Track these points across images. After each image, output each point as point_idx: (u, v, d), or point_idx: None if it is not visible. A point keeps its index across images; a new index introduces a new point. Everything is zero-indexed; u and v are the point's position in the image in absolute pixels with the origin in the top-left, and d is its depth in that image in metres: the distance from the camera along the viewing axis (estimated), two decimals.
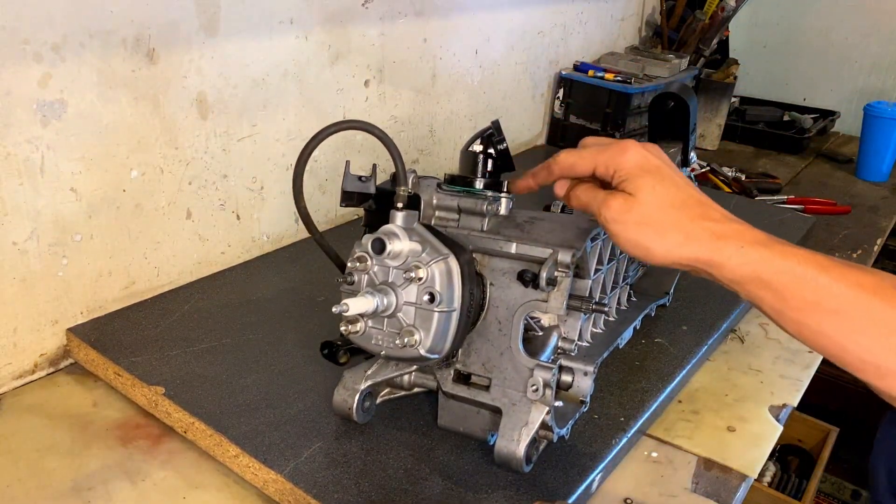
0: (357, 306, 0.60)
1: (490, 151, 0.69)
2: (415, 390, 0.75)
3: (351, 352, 0.72)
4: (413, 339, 0.62)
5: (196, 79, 0.95)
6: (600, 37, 1.87)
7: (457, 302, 0.63)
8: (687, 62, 1.83)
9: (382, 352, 0.65)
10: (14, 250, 0.81)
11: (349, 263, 0.64)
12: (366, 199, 0.68)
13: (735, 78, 1.95)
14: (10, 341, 0.83)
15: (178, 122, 0.94)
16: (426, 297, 0.62)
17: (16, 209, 0.80)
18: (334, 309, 0.60)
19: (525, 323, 0.67)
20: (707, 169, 1.68)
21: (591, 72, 1.70)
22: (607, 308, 0.84)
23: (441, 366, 0.70)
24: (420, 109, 1.36)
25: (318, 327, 0.90)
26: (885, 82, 2.13)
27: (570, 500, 0.67)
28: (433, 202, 0.71)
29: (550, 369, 0.65)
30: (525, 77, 1.64)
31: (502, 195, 0.69)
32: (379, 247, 0.62)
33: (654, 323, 0.96)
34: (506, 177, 0.71)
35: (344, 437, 0.72)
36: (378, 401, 0.76)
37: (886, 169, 1.72)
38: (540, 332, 0.72)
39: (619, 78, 1.67)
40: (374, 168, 0.70)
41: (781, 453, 1.78)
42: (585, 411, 0.74)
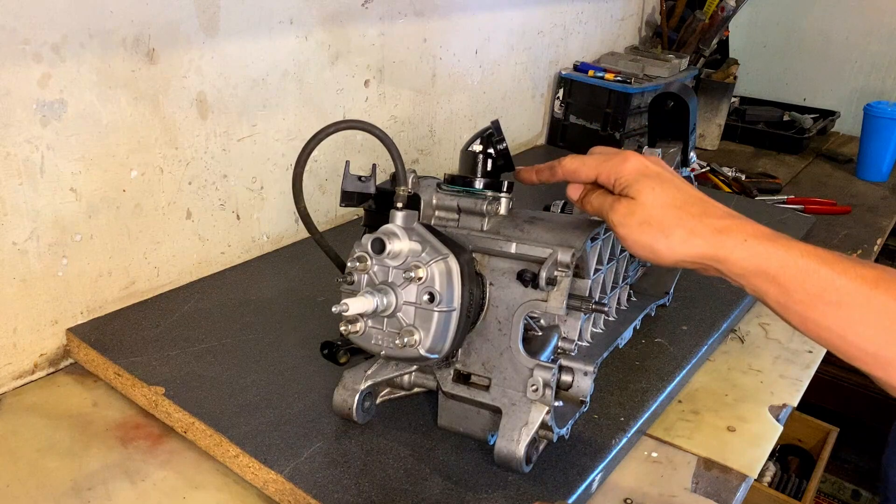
0: (357, 306, 0.60)
1: (490, 151, 0.69)
2: (415, 390, 0.75)
3: (351, 352, 0.72)
4: (413, 339, 0.62)
5: (196, 79, 0.95)
6: (600, 37, 1.87)
7: (456, 302, 0.63)
8: (687, 62, 1.83)
9: (382, 352, 0.65)
10: (14, 250, 0.81)
11: (349, 263, 0.64)
12: (366, 199, 0.68)
13: (735, 78, 1.95)
14: (10, 341, 0.83)
15: (178, 122, 0.94)
16: (426, 297, 0.62)
17: (16, 209, 0.80)
18: (334, 309, 0.60)
19: (525, 323, 0.67)
20: (707, 169, 1.68)
21: (591, 72, 1.70)
22: (607, 308, 0.84)
23: (441, 366, 0.70)
24: (420, 109, 1.36)
25: (318, 327, 0.90)
26: (885, 82, 2.13)
27: (570, 500, 0.67)
28: (433, 202, 0.71)
29: (550, 369, 0.65)
30: (525, 77, 1.64)
31: (502, 195, 0.69)
32: (379, 247, 0.62)
33: (654, 323, 0.96)
34: (506, 177, 0.71)
35: (344, 437, 0.72)
36: (378, 401, 0.76)
37: (886, 169, 1.72)
38: (540, 332, 0.72)
39: (619, 78, 1.67)
40: (374, 168, 0.70)
41: (781, 453, 1.78)
42: (585, 411, 0.74)
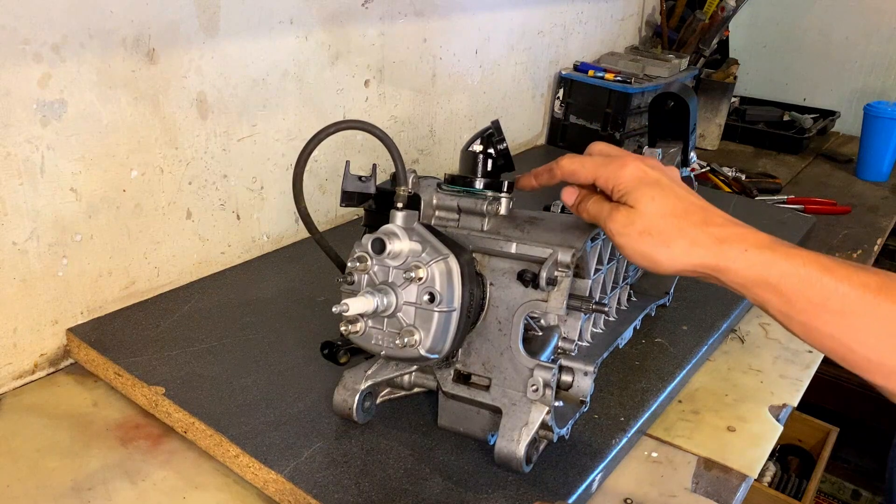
0: (357, 306, 0.60)
1: (490, 151, 0.69)
2: (415, 390, 0.75)
3: (351, 352, 0.72)
4: (413, 339, 0.62)
5: (196, 79, 0.95)
6: (600, 37, 1.87)
7: (457, 302, 0.62)
8: (687, 62, 1.83)
9: (382, 352, 0.65)
10: (14, 250, 0.81)
11: (349, 263, 0.64)
12: (366, 199, 0.68)
13: (735, 78, 1.95)
14: (10, 341, 0.83)
15: (178, 122, 0.94)
16: (426, 297, 0.62)
17: (16, 209, 0.80)
18: (334, 309, 0.60)
19: (525, 323, 0.67)
20: (707, 169, 1.68)
21: (591, 72, 1.70)
22: (607, 308, 0.84)
23: (441, 366, 0.70)
24: (420, 109, 1.36)
25: (318, 327, 0.90)
26: (885, 82, 2.13)
27: (570, 500, 0.67)
28: (433, 202, 0.70)
29: (550, 369, 0.65)
30: (525, 77, 1.64)
31: (502, 195, 0.69)
32: (379, 247, 0.62)
33: (654, 323, 0.96)
34: (506, 177, 0.71)
35: (344, 437, 0.72)
36: (378, 401, 0.76)
37: (886, 169, 1.72)
38: (540, 332, 0.72)
39: (619, 78, 1.67)
40: (374, 168, 0.70)
41: (781, 453, 1.78)
42: (585, 411, 0.74)
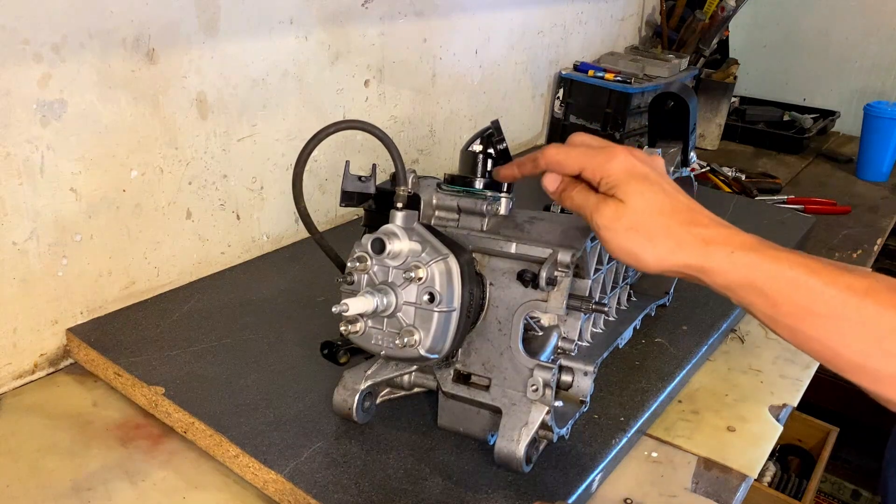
0: (357, 306, 0.60)
1: (490, 151, 0.69)
2: (415, 390, 0.75)
3: (351, 352, 0.72)
4: (413, 339, 0.62)
5: (196, 79, 0.95)
6: (600, 37, 1.87)
7: (457, 302, 0.62)
8: (687, 62, 1.83)
9: (382, 352, 0.65)
10: (14, 250, 0.81)
11: (349, 263, 0.64)
12: (366, 199, 0.68)
13: (735, 78, 1.95)
14: (10, 341, 0.83)
15: (178, 122, 0.94)
16: (426, 297, 0.62)
17: (16, 209, 0.80)
18: (334, 309, 0.60)
19: (525, 323, 0.67)
20: (707, 169, 1.68)
21: (591, 72, 1.70)
22: (607, 308, 0.84)
23: (441, 366, 0.70)
24: (420, 109, 1.36)
25: (318, 327, 0.90)
26: (885, 82, 2.13)
27: (570, 500, 0.67)
28: (433, 202, 0.70)
29: (550, 369, 0.65)
30: (525, 77, 1.64)
31: (502, 195, 0.69)
32: (379, 247, 0.62)
33: (654, 323, 0.96)
34: None
35: (344, 437, 0.72)
36: (378, 401, 0.76)
37: (886, 169, 1.72)
38: (540, 332, 0.72)
39: (619, 78, 1.67)
40: (374, 168, 0.70)
41: (781, 453, 1.78)
42: (585, 411, 0.74)
